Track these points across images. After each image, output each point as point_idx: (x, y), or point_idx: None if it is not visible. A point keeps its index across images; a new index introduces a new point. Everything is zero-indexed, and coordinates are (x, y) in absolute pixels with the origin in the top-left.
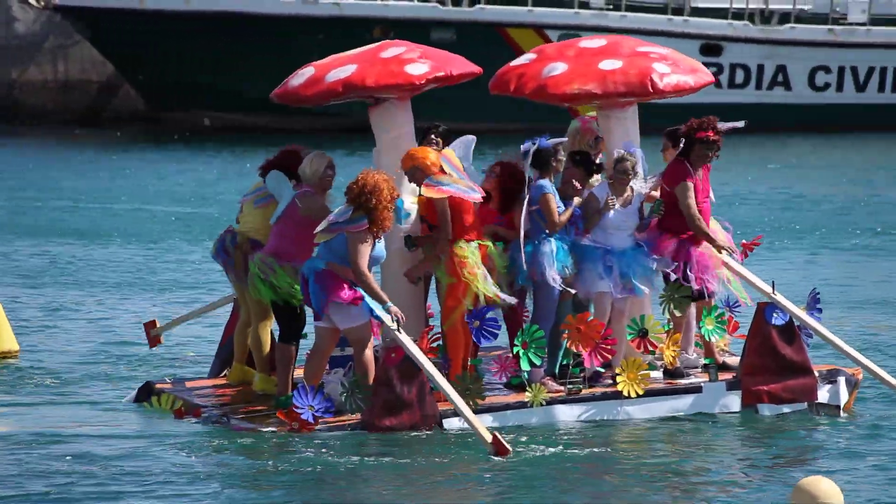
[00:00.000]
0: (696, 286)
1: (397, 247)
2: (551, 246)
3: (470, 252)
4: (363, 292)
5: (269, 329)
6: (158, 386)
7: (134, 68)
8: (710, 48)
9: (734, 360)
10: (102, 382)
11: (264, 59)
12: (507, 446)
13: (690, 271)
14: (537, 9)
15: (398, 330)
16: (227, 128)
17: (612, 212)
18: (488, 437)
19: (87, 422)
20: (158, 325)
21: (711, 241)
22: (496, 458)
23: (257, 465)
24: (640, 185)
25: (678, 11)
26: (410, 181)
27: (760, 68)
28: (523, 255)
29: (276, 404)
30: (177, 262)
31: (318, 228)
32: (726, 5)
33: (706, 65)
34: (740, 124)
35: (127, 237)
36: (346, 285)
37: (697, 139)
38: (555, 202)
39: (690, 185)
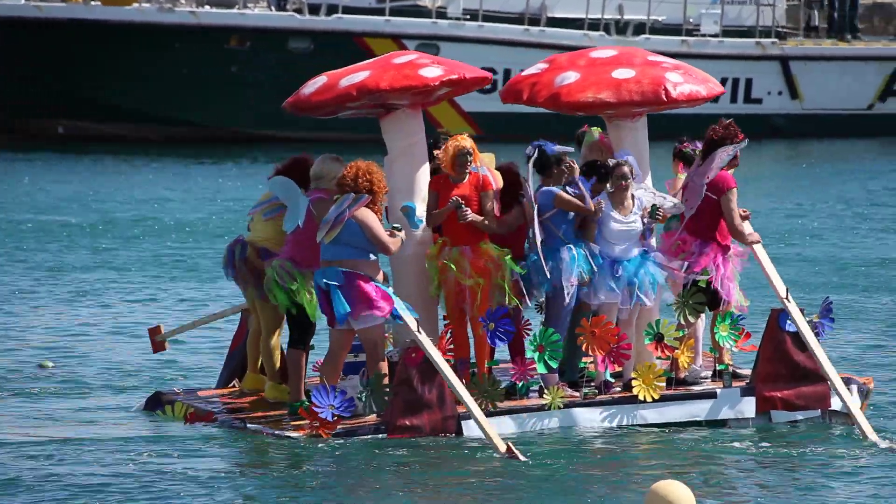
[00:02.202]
0: (724, 296)
1: (411, 252)
2: (572, 253)
3: (503, 252)
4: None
5: (279, 338)
6: (169, 396)
7: None
8: None
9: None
10: (104, 392)
11: (119, 68)
12: (521, 457)
13: (721, 280)
14: (395, 18)
15: (418, 331)
16: (82, 136)
17: (611, 222)
18: (502, 447)
19: (101, 430)
20: (163, 331)
21: (746, 239)
22: (512, 460)
23: (273, 469)
24: (643, 192)
25: (535, 22)
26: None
27: None
28: (545, 264)
29: (290, 411)
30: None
31: (321, 230)
32: (582, 16)
33: None
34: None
35: None
36: (370, 289)
37: (738, 143)
38: (568, 195)
39: (736, 191)
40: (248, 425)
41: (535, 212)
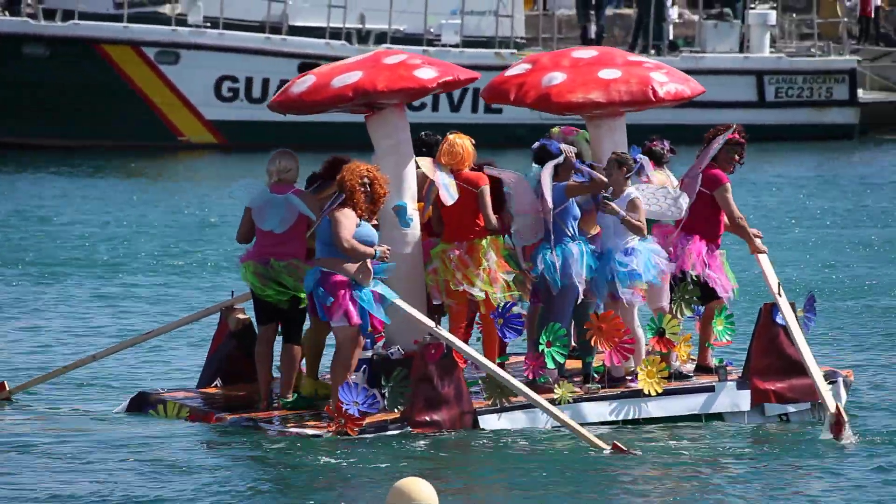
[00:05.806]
0: (719, 290)
1: (403, 251)
2: (580, 248)
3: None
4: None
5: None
6: (155, 396)
7: None
8: (308, 67)
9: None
10: (79, 393)
11: None
12: (634, 451)
13: (711, 272)
14: (133, 25)
15: (437, 327)
16: None
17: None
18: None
19: (92, 430)
20: (7, 388)
21: (751, 239)
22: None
23: (292, 467)
24: (646, 190)
25: (276, 30)
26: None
27: None
28: (556, 257)
29: (283, 405)
30: None
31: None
32: (324, 24)
33: None
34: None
35: None
36: (342, 293)
37: (727, 142)
38: (576, 181)
39: (729, 186)
40: (261, 424)
41: (551, 209)
